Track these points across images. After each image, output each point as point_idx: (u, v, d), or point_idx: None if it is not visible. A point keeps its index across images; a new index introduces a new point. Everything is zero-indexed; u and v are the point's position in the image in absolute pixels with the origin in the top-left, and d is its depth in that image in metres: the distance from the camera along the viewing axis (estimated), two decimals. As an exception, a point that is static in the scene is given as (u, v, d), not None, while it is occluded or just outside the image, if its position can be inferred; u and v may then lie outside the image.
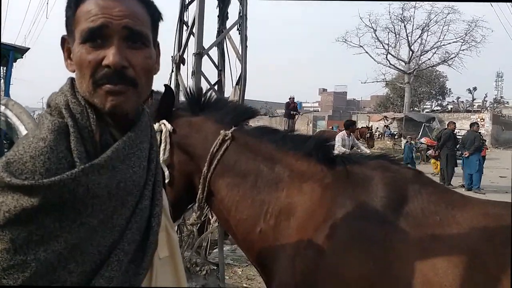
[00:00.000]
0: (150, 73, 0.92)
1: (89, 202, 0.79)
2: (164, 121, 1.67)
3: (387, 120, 29.17)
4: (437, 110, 38.06)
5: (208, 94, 1.81)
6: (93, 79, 0.85)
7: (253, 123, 2.07)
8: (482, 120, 26.81)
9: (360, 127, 17.05)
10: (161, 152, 1.62)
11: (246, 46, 3.81)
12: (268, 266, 1.51)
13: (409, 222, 1.28)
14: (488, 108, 42.70)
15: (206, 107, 1.77)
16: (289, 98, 16.87)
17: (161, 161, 1.55)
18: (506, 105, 55.63)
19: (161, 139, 1.64)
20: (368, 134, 15.71)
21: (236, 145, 1.65)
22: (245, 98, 3.84)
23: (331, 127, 25.31)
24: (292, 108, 16.67)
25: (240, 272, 4.87)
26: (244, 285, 4.47)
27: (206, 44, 3.64)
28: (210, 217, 4.17)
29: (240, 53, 3.79)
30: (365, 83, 34.61)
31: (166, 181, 1.61)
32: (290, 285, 1.39)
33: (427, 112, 33.96)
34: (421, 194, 1.35)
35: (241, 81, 3.74)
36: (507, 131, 35.96)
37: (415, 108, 37.30)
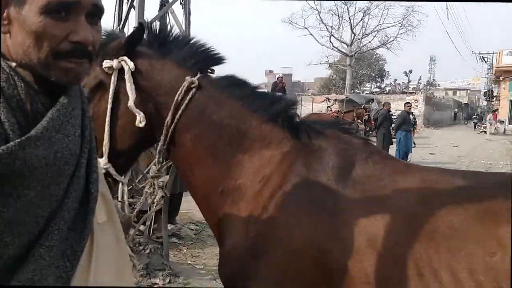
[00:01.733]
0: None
1: (26, 175, 0.77)
2: (125, 58, 1.50)
3: (330, 102, 30.05)
4: (376, 91, 39.91)
5: (169, 29, 1.63)
6: (55, 51, 0.83)
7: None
8: (416, 101, 28.53)
9: (356, 108, 14.90)
10: (129, 93, 1.48)
11: (190, 22, 3.74)
12: (223, 228, 1.51)
13: (357, 188, 1.36)
14: (421, 90, 45.57)
15: (167, 43, 1.60)
16: (277, 78, 15.49)
17: (131, 103, 1.46)
18: (437, 87, 59.66)
19: (124, 79, 1.48)
20: (366, 117, 13.56)
21: (202, 95, 1.55)
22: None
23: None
24: (280, 89, 15.06)
25: (185, 250, 4.89)
26: (189, 262, 4.50)
27: (148, 18, 3.52)
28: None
29: (184, 29, 3.71)
30: (309, 65, 35.37)
31: (142, 124, 1.48)
32: (241, 248, 1.42)
33: (366, 93, 35.42)
34: (368, 162, 1.43)
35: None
36: (438, 111, 38.71)
37: (356, 90, 38.79)
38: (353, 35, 32.67)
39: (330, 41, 32.91)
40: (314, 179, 1.41)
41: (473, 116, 39.09)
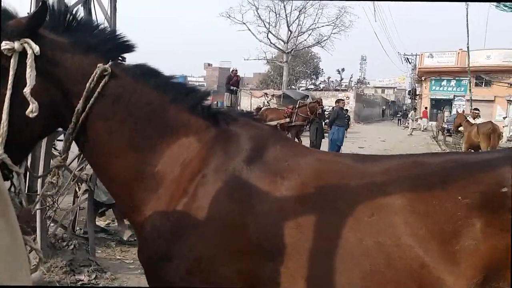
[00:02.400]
0: None
1: None
2: (29, 40, 1.37)
3: (267, 97, 30.59)
4: (311, 88, 41.33)
5: (75, 12, 1.55)
6: None
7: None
8: (347, 98, 29.88)
9: (308, 102, 13.99)
10: (27, 79, 1.36)
11: (116, 7, 3.60)
12: (142, 214, 1.53)
13: (266, 168, 1.50)
14: (353, 87, 47.92)
15: (73, 27, 1.52)
16: (232, 71, 15.21)
17: (27, 90, 1.34)
18: (367, 85, 63.07)
19: (25, 64, 1.36)
20: (320, 110, 12.84)
21: (116, 84, 1.52)
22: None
23: (216, 102, 25.49)
24: (234, 83, 14.85)
25: (114, 245, 4.74)
26: (118, 257, 4.37)
27: (69, 2, 3.33)
28: (77, 189, 3.95)
29: (109, 14, 3.57)
30: (248, 60, 35.64)
31: (33, 114, 1.37)
32: (161, 231, 1.46)
33: (302, 90, 36.52)
34: (276, 146, 1.58)
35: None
36: (367, 108, 40.98)
37: (292, 86, 39.83)
38: (289, 32, 33.45)
39: (268, 38, 33.46)
40: (230, 162, 1.50)
41: (398, 113, 41.95)
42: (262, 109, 14.41)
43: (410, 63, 43.09)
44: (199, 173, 1.48)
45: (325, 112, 14.11)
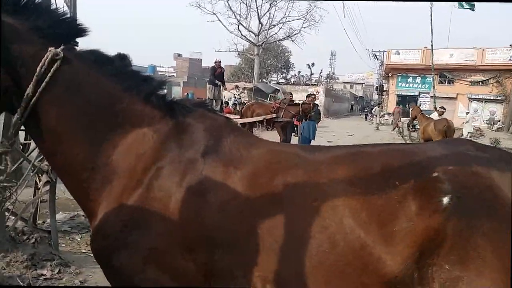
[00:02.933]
0: None
1: None
2: None
3: (239, 90, 30.51)
4: (282, 82, 41.54)
5: None
6: None
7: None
8: (317, 93, 30.27)
9: (302, 102, 12.58)
10: None
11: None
12: (95, 204, 1.50)
13: (220, 158, 1.52)
14: (323, 82, 48.55)
15: (24, 10, 1.45)
16: (215, 62, 14.17)
17: None
18: (337, 80, 64.07)
19: None
20: (313, 113, 11.85)
21: (68, 69, 1.46)
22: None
23: (186, 93, 25.16)
24: (219, 74, 13.86)
25: (79, 239, 4.60)
26: (83, 251, 4.25)
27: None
28: (38, 181, 3.79)
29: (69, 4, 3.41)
30: (218, 51, 35.24)
31: None
32: (114, 221, 1.44)
33: (273, 83, 36.65)
34: (230, 137, 1.60)
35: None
36: (336, 103, 41.67)
37: (263, 80, 39.86)
38: (260, 25, 33.36)
39: (239, 29, 33.23)
40: (185, 153, 1.51)
41: (365, 109, 42.92)
42: (248, 103, 13.59)
43: (377, 59, 44.12)
44: (153, 165, 1.48)
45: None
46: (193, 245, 1.41)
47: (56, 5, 3.39)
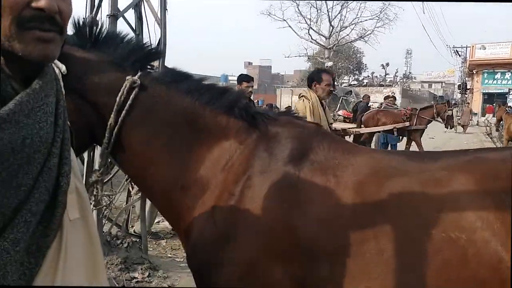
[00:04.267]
0: (69, 21, 0.89)
1: None
2: (55, 60, 1.42)
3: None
4: (354, 84, 40.39)
5: (99, 25, 1.55)
6: (18, 20, 0.77)
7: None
8: (393, 94, 29.01)
9: (436, 104, 11.58)
10: None
11: (166, 9, 3.64)
12: (187, 222, 1.51)
13: (315, 167, 1.46)
14: (398, 82, 46.34)
15: (99, 42, 1.53)
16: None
17: None
18: (413, 80, 60.80)
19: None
20: (450, 112, 10.58)
21: (147, 94, 1.52)
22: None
23: (256, 100, 25.62)
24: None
25: (164, 244, 4.83)
26: (169, 255, 4.45)
27: (121, 6, 3.41)
28: (131, 188, 4.05)
29: (159, 17, 3.62)
30: (288, 57, 35.42)
31: None
32: (209, 236, 1.43)
33: (345, 86, 35.80)
34: (323, 144, 1.53)
35: (160, 47, 3.58)
36: (414, 104, 39.43)
37: (335, 83, 39.06)
38: (331, 27, 32.85)
39: (309, 34, 33.02)
40: (275, 162, 1.47)
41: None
42: (370, 112, 11.74)
43: (459, 56, 40.99)
44: (244, 175, 1.45)
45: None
46: (288, 258, 1.37)
47: (141, 29, 3.62)
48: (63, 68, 1.37)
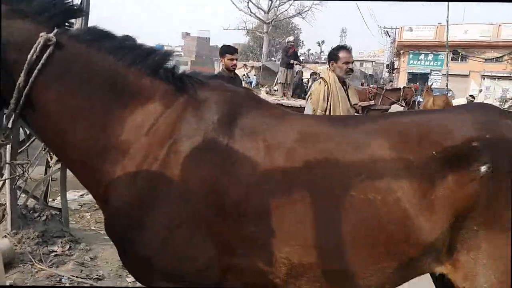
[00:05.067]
0: None
1: None
2: None
3: (247, 69, 30.19)
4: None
5: None
6: None
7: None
8: (319, 72, 29.92)
9: (403, 87, 11.41)
10: None
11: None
12: (107, 187, 1.45)
13: (244, 131, 1.48)
14: (333, 60, 47.69)
15: None
16: (287, 42, 12.85)
17: None
18: (347, 59, 62.88)
19: None
20: (415, 98, 10.29)
21: (63, 53, 1.41)
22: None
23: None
24: (291, 55, 12.00)
25: (89, 216, 4.69)
26: (93, 228, 4.34)
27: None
28: (49, 159, 3.84)
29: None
30: (227, 29, 34.82)
31: None
32: (130, 202, 1.41)
33: (282, 62, 36.12)
34: (253, 109, 1.56)
35: (83, 4, 3.32)
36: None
37: (272, 58, 39.39)
38: (270, 2, 32.72)
39: (248, 7, 32.64)
40: (204, 127, 1.45)
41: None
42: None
43: (389, 36, 43.13)
44: (169, 140, 1.42)
45: (304, 84, 13.79)
46: (214, 222, 1.39)
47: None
48: None
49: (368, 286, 1.45)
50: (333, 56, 3.73)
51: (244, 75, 28.38)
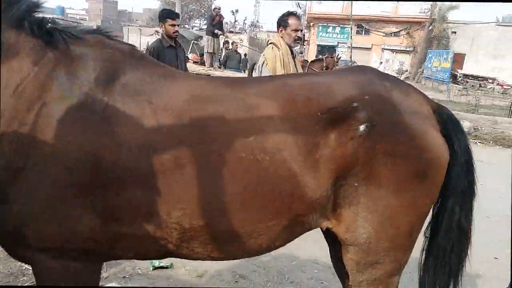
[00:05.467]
0: None
1: None
2: None
3: (158, 35, 28.90)
4: (205, 29, 40.16)
5: None
6: None
7: None
8: (241, 41, 30.04)
9: (326, 56, 11.39)
10: None
11: None
12: None
13: (127, 91, 1.38)
14: (247, 30, 47.95)
15: None
16: (214, 9, 12.28)
17: None
18: (261, 29, 63.56)
19: None
20: (337, 67, 10.07)
21: None
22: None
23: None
24: (217, 23, 11.88)
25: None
26: None
27: None
28: None
29: None
30: (136, -7, 32.63)
31: None
32: None
33: (196, 30, 35.32)
34: (137, 67, 1.46)
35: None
36: (261, 52, 41.57)
37: (186, 25, 38.24)
38: (182, -34, 31.37)
39: (159, -31, 30.95)
40: (79, 87, 1.33)
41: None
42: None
43: (300, 8, 44.36)
44: (38, 102, 1.29)
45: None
46: (93, 189, 1.30)
47: None
48: None
49: (259, 244, 1.49)
50: (282, 22, 3.56)
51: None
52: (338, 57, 12.33)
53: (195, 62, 17.42)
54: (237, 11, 49.14)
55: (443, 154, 1.52)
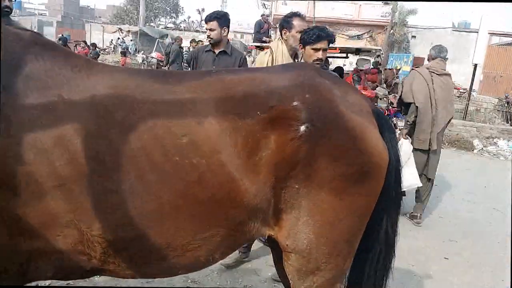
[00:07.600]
0: None
1: None
2: None
3: (122, 33, 28.30)
4: (170, 27, 39.59)
5: None
6: None
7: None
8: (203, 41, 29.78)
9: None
10: None
11: None
12: None
13: (32, 85, 1.22)
14: (213, 30, 47.45)
15: None
16: (261, 15, 11.51)
17: None
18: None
19: None
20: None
21: None
22: None
23: (61, 35, 22.47)
24: (265, 31, 11.22)
25: None
26: None
27: None
28: None
29: None
30: (98, -12, 31.66)
31: None
32: None
33: (162, 28, 34.72)
34: (43, 57, 1.28)
35: None
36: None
37: (151, 23, 37.50)
38: (146, -38, 30.74)
39: (123, -35, 30.17)
40: None
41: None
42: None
43: (266, 9, 44.55)
44: None
45: (185, 53, 13.53)
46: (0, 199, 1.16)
47: None
48: None
49: (197, 257, 1.38)
50: (286, 23, 3.30)
51: (119, 38, 26.60)
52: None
53: (159, 61, 17.16)
54: (203, 10, 48.58)
55: (383, 155, 1.48)
